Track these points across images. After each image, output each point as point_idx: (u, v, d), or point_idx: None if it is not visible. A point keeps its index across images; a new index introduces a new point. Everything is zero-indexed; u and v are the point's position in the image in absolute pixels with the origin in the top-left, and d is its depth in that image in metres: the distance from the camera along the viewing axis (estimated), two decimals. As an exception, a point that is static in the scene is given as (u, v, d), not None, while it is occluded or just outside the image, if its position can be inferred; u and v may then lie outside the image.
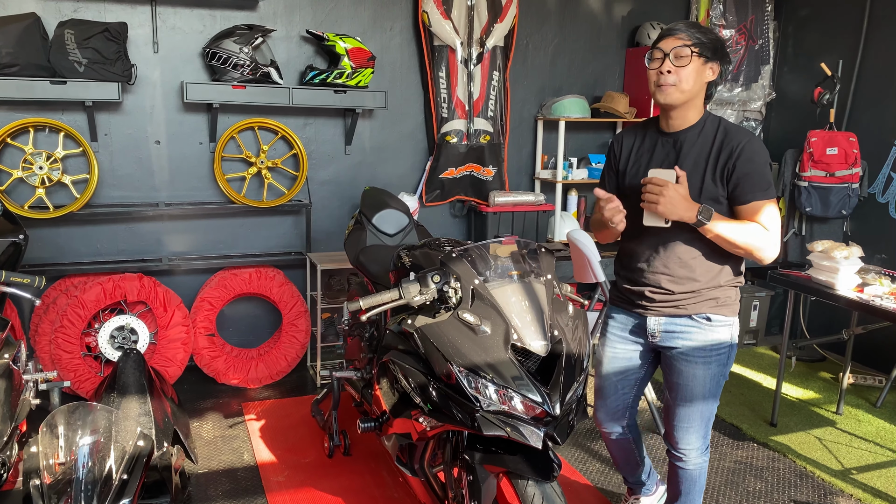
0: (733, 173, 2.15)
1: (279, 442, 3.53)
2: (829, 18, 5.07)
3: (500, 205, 4.74)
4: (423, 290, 2.22)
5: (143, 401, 3.01)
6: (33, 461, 2.32)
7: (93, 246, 4.14)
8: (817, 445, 3.66)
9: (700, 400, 2.35)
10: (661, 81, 2.15)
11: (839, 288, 3.38)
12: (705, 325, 2.29)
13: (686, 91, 2.15)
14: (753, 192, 2.15)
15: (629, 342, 2.46)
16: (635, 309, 2.40)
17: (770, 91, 5.54)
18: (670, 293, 2.29)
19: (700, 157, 2.20)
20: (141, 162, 4.17)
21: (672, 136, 2.26)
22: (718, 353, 2.32)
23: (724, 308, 2.30)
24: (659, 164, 2.26)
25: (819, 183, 4.64)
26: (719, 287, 2.28)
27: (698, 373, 2.32)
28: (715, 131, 2.21)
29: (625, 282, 2.41)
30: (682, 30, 2.14)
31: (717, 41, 2.17)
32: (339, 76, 4.19)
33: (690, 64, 2.13)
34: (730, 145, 2.16)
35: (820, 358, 4.96)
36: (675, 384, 2.37)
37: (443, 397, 2.08)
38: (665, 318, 2.33)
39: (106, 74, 3.73)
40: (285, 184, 4.42)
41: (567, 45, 5.05)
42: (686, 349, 2.31)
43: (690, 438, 2.41)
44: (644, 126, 2.39)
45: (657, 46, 2.17)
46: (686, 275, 2.26)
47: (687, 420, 2.38)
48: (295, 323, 4.32)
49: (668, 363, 2.39)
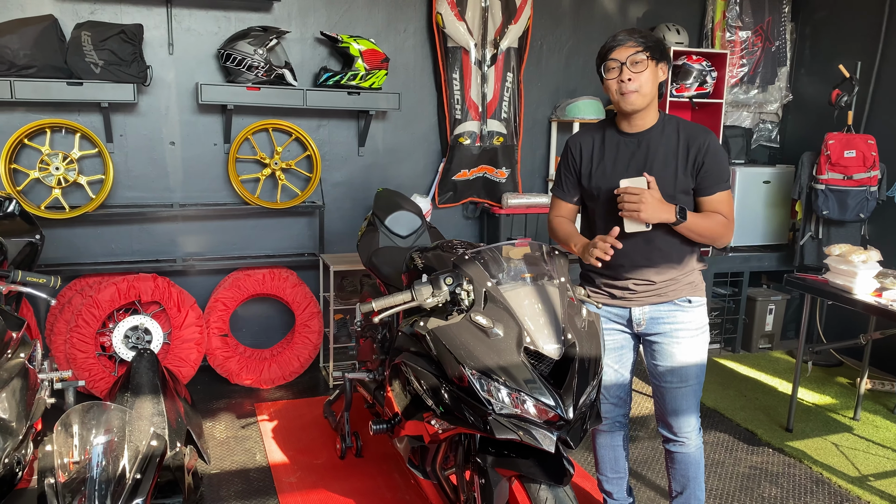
0: (702, 167, 2.31)
1: (291, 443, 3.54)
2: (847, 19, 5.01)
3: (513, 207, 4.72)
4: (436, 291, 2.21)
5: (157, 401, 3.02)
6: (48, 460, 2.33)
7: (108, 246, 4.17)
8: (834, 451, 3.61)
9: (693, 378, 2.45)
10: (623, 89, 2.26)
11: (857, 292, 3.34)
12: (687, 307, 2.42)
13: (647, 94, 2.27)
14: (718, 184, 2.33)
15: (616, 331, 2.53)
16: (616, 301, 2.48)
17: (787, 93, 5.49)
18: (652, 283, 2.40)
19: (668, 154, 2.33)
20: (156, 163, 4.19)
21: (635, 137, 2.36)
22: (702, 331, 2.45)
23: (698, 290, 2.46)
24: (626, 163, 2.36)
25: (836, 186, 4.58)
26: (692, 271, 2.44)
27: (688, 351, 2.42)
28: (676, 129, 2.35)
29: (604, 277, 2.48)
30: (628, 38, 2.26)
31: (661, 42, 2.31)
32: (352, 78, 4.19)
33: (647, 69, 2.25)
34: (697, 142, 2.31)
35: (837, 363, 4.90)
36: (667, 369, 2.45)
37: (455, 400, 2.07)
38: (649, 306, 2.43)
39: (121, 76, 3.76)
40: (299, 185, 4.43)
41: (582, 47, 5.03)
42: (673, 332, 2.43)
43: (690, 420, 2.49)
44: (600, 127, 2.47)
45: (611, 57, 2.27)
46: (666, 264, 2.38)
47: (685, 401, 2.47)
48: (308, 324, 4.32)
49: (656, 349, 2.47)
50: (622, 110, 2.33)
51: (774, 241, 5.19)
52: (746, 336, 5.17)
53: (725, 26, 5.24)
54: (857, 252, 3.36)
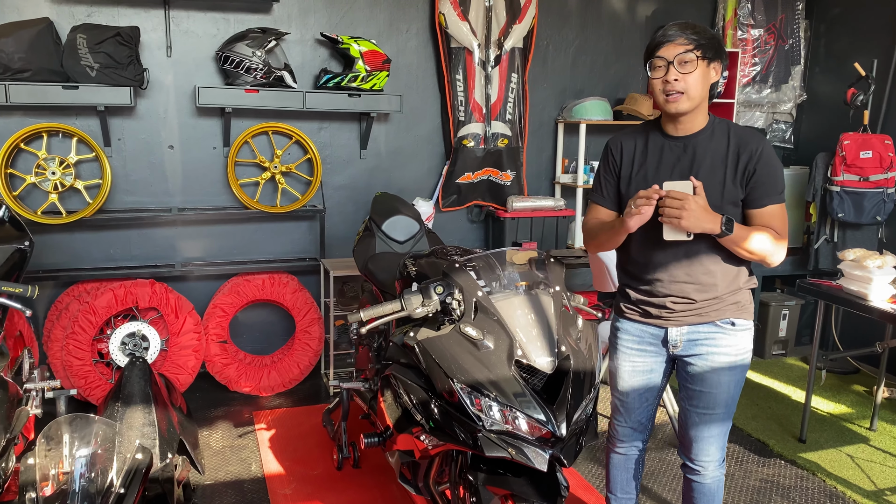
0: (753, 176, 2.10)
1: (288, 453, 3.46)
2: (863, 17, 4.87)
3: (518, 210, 4.62)
4: (426, 301, 2.13)
5: (148, 411, 2.96)
6: (30, 473, 2.27)
7: (106, 251, 4.12)
8: (849, 464, 3.48)
9: (722, 408, 2.26)
10: (669, 90, 2.07)
11: (872, 299, 3.21)
12: (729, 330, 2.22)
13: (694, 98, 2.08)
14: (770, 195, 2.12)
15: (646, 354, 2.32)
16: (652, 320, 2.27)
17: (801, 92, 5.35)
18: (693, 301, 2.19)
19: (717, 160, 2.13)
20: (154, 167, 4.13)
21: (681, 141, 2.17)
22: (742, 359, 2.25)
23: (745, 312, 2.24)
24: (670, 169, 2.16)
25: (852, 188, 4.45)
26: (739, 290, 2.23)
27: (723, 379, 2.23)
28: (727, 134, 2.15)
29: (639, 293, 2.27)
30: (680, 33, 2.05)
31: (715, 39, 2.10)
32: (353, 79, 4.12)
33: (696, 69, 2.06)
34: (748, 148, 2.11)
35: (853, 370, 4.75)
36: (697, 393, 2.26)
37: (444, 415, 1.99)
38: (688, 326, 2.23)
39: (118, 79, 3.70)
40: (299, 189, 4.36)
41: (589, 46, 4.93)
42: (710, 355, 2.22)
43: (710, 449, 2.30)
44: (644, 129, 2.27)
45: (658, 55, 2.08)
46: (709, 281, 2.17)
47: (708, 430, 2.28)
48: (308, 330, 4.25)
49: (688, 372, 2.28)
50: (667, 112, 2.14)
51: (788, 245, 5.04)
52: (759, 342, 5.03)
53: (737, 24, 5.11)
54: (871, 257, 3.23)
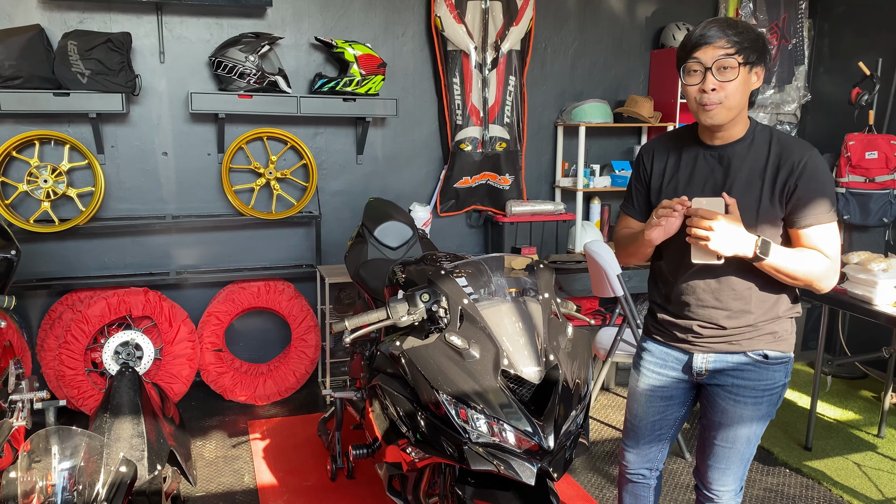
0: (794, 193, 1.85)
1: (282, 463, 3.40)
2: (867, 15, 4.78)
3: (517, 214, 4.56)
4: (412, 309, 2.07)
5: (137, 422, 2.90)
6: (11, 487, 2.23)
7: (100, 259, 4.08)
8: (856, 472, 3.39)
9: (743, 442, 2.06)
10: (706, 101, 1.82)
11: (877, 303, 3.13)
12: (761, 364, 1.99)
13: (733, 108, 1.84)
14: (816, 214, 1.85)
15: (669, 378, 2.12)
16: (678, 343, 2.07)
17: (805, 92, 5.27)
18: (723, 328, 1.99)
19: (754, 174, 1.89)
20: (148, 174, 4.09)
21: (717, 151, 1.94)
22: (771, 394, 2.02)
23: (782, 343, 2.00)
24: (702, 181, 1.95)
25: (858, 189, 4.36)
26: (777, 319, 1.98)
27: (746, 413, 2.02)
28: (768, 144, 1.90)
29: (665, 314, 2.08)
30: (720, 34, 1.79)
31: (760, 39, 1.83)
32: (348, 84, 4.07)
33: (738, 76, 1.80)
34: (790, 160, 1.85)
35: (860, 375, 4.66)
36: (716, 423, 2.06)
37: (430, 427, 1.92)
38: (715, 354, 2.02)
39: (109, 85, 3.67)
40: (295, 195, 4.31)
41: (588, 48, 4.86)
42: (736, 388, 2.02)
43: (726, 480, 2.11)
44: (679, 136, 2.05)
45: (694, 57, 1.82)
46: (741, 308, 1.96)
47: (725, 461, 2.09)
48: (304, 338, 4.19)
49: (711, 400, 2.07)
50: (703, 123, 1.90)
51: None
52: (765, 347, 4.94)
53: (739, 24, 5.03)
54: (876, 260, 3.15)
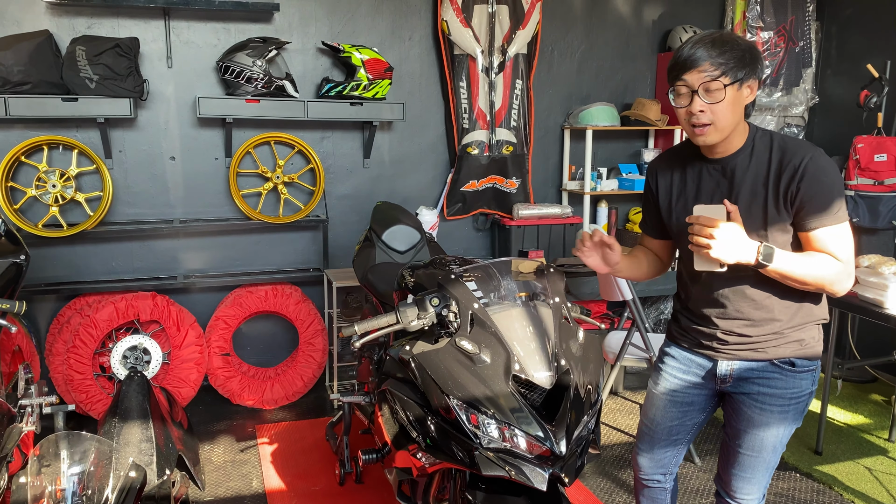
0: (797, 195, 1.82)
1: (290, 467, 3.40)
2: (876, 17, 4.77)
3: (524, 218, 4.55)
4: (422, 314, 2.05)
5: (145, 426, 2.91)
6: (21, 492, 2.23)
7: (108, 264, 4.09)
8: (867, 477, 3.37)
9: (769, 451, 2.03)
10: (695, 122, 1.83)
11: (888, 306, 3.11)
12: (788, 372, 1.96)
13: (725, 128, 1.83)
14: (821, 216, 1.82)
15: (690, 384, 2.10)
16: (702, 350, 2.06)
17: (813, 95, 5.25)
18: (747, 336, 1.97)
19: (757, 183, 1.87)
20: (156, 178, 4.10)
21: (719, 163, 1.93)
22: (798, 402, 1.99)
23: (809, 350, 1.97)
24: (709, 195, 1.93)
25: (867, 192, 4.35)
26: (803, 326, 1.96)
27: (773, 422, 1.99)
28: (769, 150, 1.88)
29: (691, 322, 2.07)
30: (705, 58, 1.77)
31: (747, 54, 1.80)
32: (355, 88, 4.07)
33: (725, 97, 1.79)
34: (791, 164, 1.82)
35: (871, 378, 4.63)
36: (741, 431, 2.04)
37: (441, 432, 1.91)
38: (740, 361, 2.00)
39: (117, 90, 3.68)
40: (302, 199, 4.31)
41: (595, 51, 4.86)
42: (762, 396, 1.99)
43: (751, 489, 2.08)
44: (680, 153, 2.04)
45: (682, 79, 1.82)
46: (765, 316, 1.94)
47: (750, 470, 2.06)
48: (312, 342, 4.19)
49: (735, 407, 2.05)
50: (696, 143, 1.90)
51: (802, 251, 4.94)
52: (773, 350, 4.92)
53: (746, 27, 5.03)
54: (887, 263, 3.14)
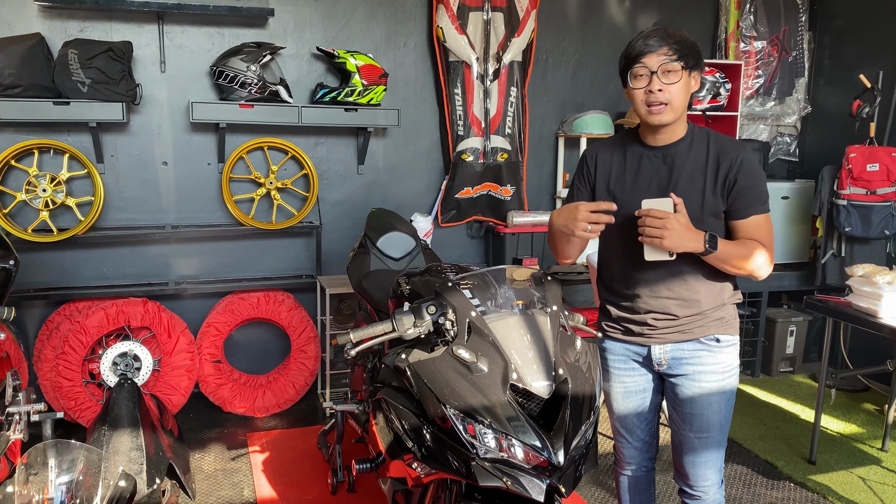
0: (734, 186, 2.04)
1: (282, 476, 3.36)
2: (868, 28, 4.80)
3: (518, 225, 4.54)
4: (418, 322, 2.03)
5: (135, 434, 2.87)
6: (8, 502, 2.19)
7: (98, 270, 4.05)
8: (860, 486, 3.37)
9: (717, 430, 2.19)
10: (652, 101, 1.99)
11: (882, 316, 3.11)
12: (715, 347, 2.15)
13: (678, 108, 2.02)
14: (754, 205, 2.05)
15: (636, 373, 2.27)
16: (634, 337, 2.22)
17: (805, 105, 5.28)
18: (675, 318, 2.14)
19: (696, 170, 2.07)
20: (148, 183, 4.07)
21: (660, 151, 2.11)
22: (730, 375, 2.18)
23: (730, 327, 2.18)
24: (649, 179, 2.10)
25: (859, 201, 4.35)
26: (723, 306, 2.16)
27: (713, 399, 2.16)
28: (706, 143, 2.08)
29: (620, 310, 2.22)
30: (662, 43, 1.97)
31: (695, 47, 2.02)
32: (349, 94, 4.05)
33: (680, 80, 1.98)
34: (728, 157, 2.04)
35: (863, 388, 4.64)
36: (688, 415, 2.19)
37: (437, 442, 1.89)
38: (671, 344, 2.17)
39: (110, 94, 3.65)
40: (295, 205, 4.29)
41: (589, 60, 4.86)
42: (697, 375, 2.16)
43: (708, 473, 2.22)
44: (621, 140, 2.21)
45: (641, 62, 1.99)
46: (692, 297, 2.12)
47: (705, 453, 2.20)
48: (304, 349, 4.16)
49: (677, 393, 2.21)
50: (650, 124, 2.07)
51: (795, 260, 4.95)
52: (766, 359, 4.93)
53: (739, 36, 5.05)
54: (881, 273, 3.14)
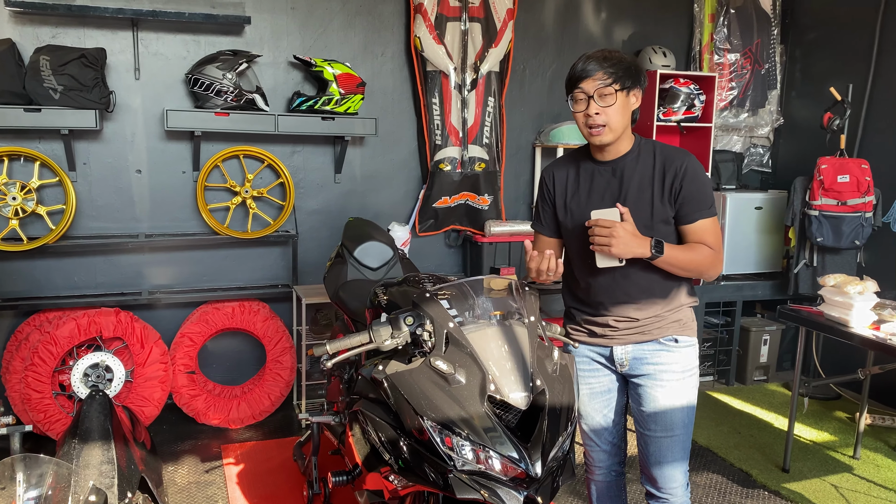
0: (680, 192, 2.14)
1: (257, 489, 3.32)
2: (838, 41, 4.89)
3: (496, 234, 4.55)
4: (395, 333, 2.02)
5: (107, 447, 2.81)
6: (-26, 519, 2.14)
7: (69, 279, 3.98)
8: (833, 494, 3.40)
9: (680, 427, 2.25)
10: (591, 123, 2.10)
11: (853, 325, 3.16)
12: (673, 347, 2.24)
13: (616, 129, 2.12)
14: (700, 210, 2.15)
15: (600, 374, 2.34)
16: (597, 339, 2.29)
17: (778, 116, 5.36)
18: (635, 320, 2.23)
19: (644, 180, 2.17)
20: (121, 192, 4.02)
21: (609, 165, 2.21)
22: (690, 374, 2.26)
23: (687, 329, 2.26)
24: (601, 193, 2.21)
25: (830, 212, 4.42)
26: (680, 308, 2.25)
27: (675, 396, 2.23)
28: (653, 154, 2.19)
29: (584, 314, 2.31)
30: (597, 68, 2.07)
31: (632, 67, 2.11)
32: (326, 103, 4.04)
33: (616, 101, 2.08)
34: (673, 165, 2.15)
35: (835, 396, 4.70)
36: (652, 413, 2.25)
37: (414, 454, 1.88)
38: (632, 345, 2.25)
39: (82, 102, 3.60)
40: (271, 214, 4.26)
41: (566, 70, 4.77)
42: (658, 374, 2.24)
43: (675, 474, 2.27)
44: (573, 157, 2.32)
45: (579, 87, 2.10)
46: (647, 300, 2.21)
47: (670, 453, 2.26)
48: (280, 359, 4.12)
49: (640, 394, 2.27)
50: (592, 144, 2.19)
51: (768, 269, 5.02)
52: (741, 368, 4.98)
53: (713, 49, 5.12)
54: (852, 283, 3.18)
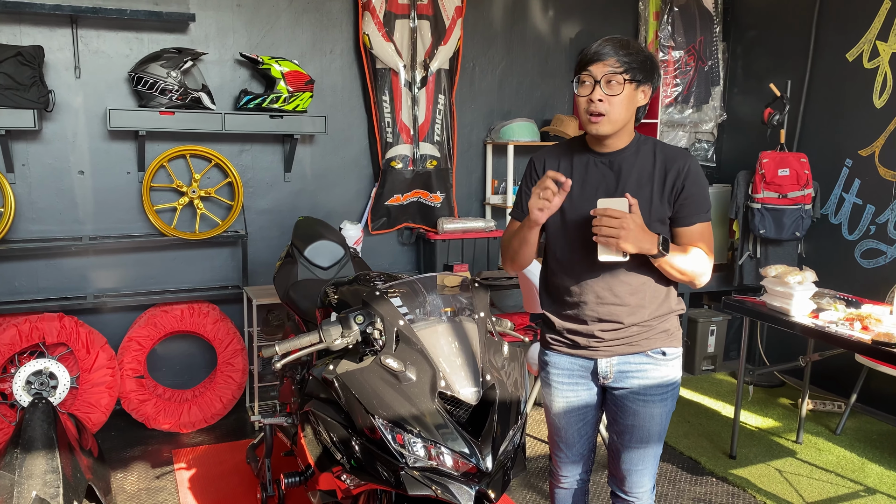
0: (682, 193, 2.04)
1: (209, 493, 3.27)
2: (777, 39, 5.04)
3: (449, 232, 4.57)
4: (346, 332, 2.02)
5: (51, 456, 2.75)
6: None
7: (10, 284, 3.85)
8: (777, 478, 3.52)
9: (655, 440, 2.19)
10: (592, 110, 1.98)
11: (794, 314, 3.27)
12: (661, 361, 2.14)
13: (616, 122, 2.00)
14: (698, 213, 2.06)
15: (579, 387, 2.22)
16: (580, 351, 2.16)
17: (721, 112, 5.50)
18: (622, 325, 2.10)
19: (643, 177, 2.06)
20: (63, 193, 3.90)
21: (606, 157, 2.09)
22: (674, 388, 2.19)
23: (674, 340, 2.17)
24: (596, 185, 2.08)
25: (772, 204, 4.56)
26: (669, 314, 2.15)
27: (655, 412, 2.15)
28: (653, 151, 2.09)
29: (565, 319, 2.17)
30: (611, 54, 1.96)
31: (648, 59, 2.01)
32: (275, 100, 3.99)
33: (623, 92, 1.97)
34: (675, 165, 2.04)
35: (779, 383, 4.85)
36: (629, 426, 2.17)
37: (366, 453, 1.88)
38: (618, 357, 2.13)
39: (19, 101, 3.49)
40: (220, 214, 4.19)
41: (515, 68, 4.93)
42: (642, 388, 2.14)
43: (643, 480, 2.24)
44: (568, 146, 2.19)
45: (587, 70, 1.98)
46: (637, 303, 2.08)
47: (642, 462, 2.21)
48: (231, 362, 4.06)
49: (619, 404, 2.18)
50: (588, 132, 2.06)
51: (714, 262, 5.13)
52: (689, 358, 5.10)
53: (658, 46, 5.22)
54: (792, 273, 3.29)
